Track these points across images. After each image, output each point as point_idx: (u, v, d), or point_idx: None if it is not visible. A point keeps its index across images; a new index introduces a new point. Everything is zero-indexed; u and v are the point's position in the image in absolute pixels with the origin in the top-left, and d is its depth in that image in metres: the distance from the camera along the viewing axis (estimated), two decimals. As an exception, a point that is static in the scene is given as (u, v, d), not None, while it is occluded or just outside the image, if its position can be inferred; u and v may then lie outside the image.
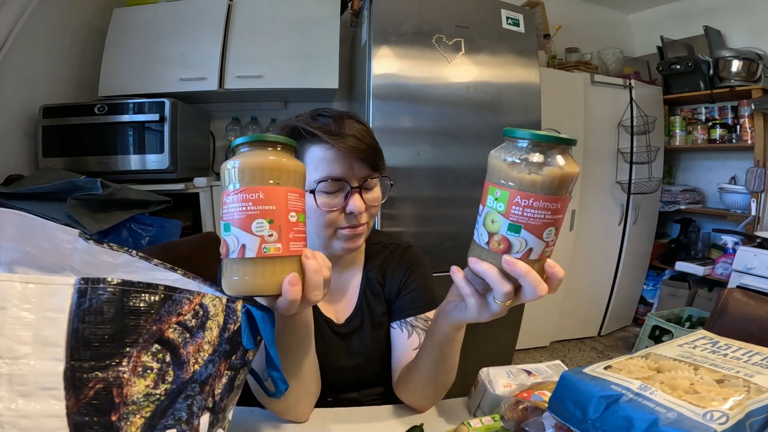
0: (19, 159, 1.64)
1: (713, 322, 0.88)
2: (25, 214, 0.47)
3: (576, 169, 0.44)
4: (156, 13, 1.88)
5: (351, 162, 0.66)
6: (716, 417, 0.37)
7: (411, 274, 0.81)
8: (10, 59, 1.54)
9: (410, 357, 0.75)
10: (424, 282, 0.82)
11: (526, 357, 2.47)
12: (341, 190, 0.68)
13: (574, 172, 0.44)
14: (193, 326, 0.40)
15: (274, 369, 0.50)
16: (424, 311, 0.79)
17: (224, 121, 2.18)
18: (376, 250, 0.83)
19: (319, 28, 1.90)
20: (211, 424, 0.42)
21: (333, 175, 0.66)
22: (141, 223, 1.49)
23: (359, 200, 0.67)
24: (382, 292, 0.81)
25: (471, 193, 1.68)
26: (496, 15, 1.70)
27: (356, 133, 0.67)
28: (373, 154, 0.68)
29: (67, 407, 0.33)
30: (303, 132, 0.67)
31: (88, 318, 0.34)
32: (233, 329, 0.44)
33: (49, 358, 0.33)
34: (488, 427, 0.60)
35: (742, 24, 2.47)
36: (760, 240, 2.01)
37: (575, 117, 2.36)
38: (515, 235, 0.45)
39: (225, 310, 0.43)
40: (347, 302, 0.81)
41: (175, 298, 0.39)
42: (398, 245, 0.85)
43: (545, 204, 0.43)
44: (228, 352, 0.43)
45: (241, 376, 0.47)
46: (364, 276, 0.82)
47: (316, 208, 0.67)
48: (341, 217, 0.68)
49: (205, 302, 0.41)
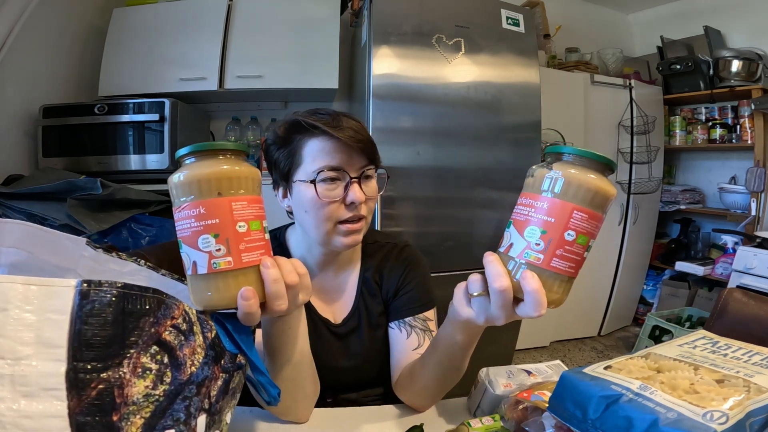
0: (19, 159, 1.64)
1: (713, 322, 0.88)
2: (32, 225, 0.48)
3: (544, 173, 0.45)
4: (156, 13, 1.88)
5: (350, 152, 0.67)
6: (716, 417, 0.37)
7: (408, 273, 0.81)
8: (10, 59, 1.54)
9: (410, 357, 0.75)
10: (422, 282, 0.81)
11: (526, 357, 2.47)
12: (340, 181, 0.68)
13: (541, 175, 0.45)
14: (185, 330, 0.41)
15: (259, 374, 0.49)
16: (423, 311, 0.79)
17: (224, 121, 2.18)
18: (373, 250, 0.83)
19: (319, 28, 1.90)
20: (208, 426, 0.43)
21: (332, 164, 0.67)
22: (141, 223, 1.50)
23: (359, 190, 0.68)
24: (379, 292, 0.81)
25: (471, 193, 1.68)
26: (496, 15, 1.70)
27: (353, 126, 0.68)
28: (370, 146, 0.70)
29: (69, 408, 0.33)
30: (303, 125, 0.68)
31: (90, 320, 0.35)
32: (211, 337, 0.44)
33: (50, 359, 0.33)
34: (488, 427, 0.60)
35: (742, 24, 2.47)
36: (760, 240, 2.01)
37: (575, 117, 2.36)
38: (506, 229, 0.48)
39: (198, 319, 0.43)
40: (344, 302, 0.81)
41: (167, 302, 0.40)
42: (395, 244, 0.85)
43: (528, 201, 0.46)
44: (215, 357, 0.44)
45: (236, 380, 0.47)
46: (361, 276, 0.81)
47: (316, 201, 0.67)
48: (341, 208, 0.68)
49: (186, 309, 0.42)
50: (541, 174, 0.46)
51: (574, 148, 0.45)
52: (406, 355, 0.76)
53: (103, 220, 1.37)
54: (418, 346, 0.76)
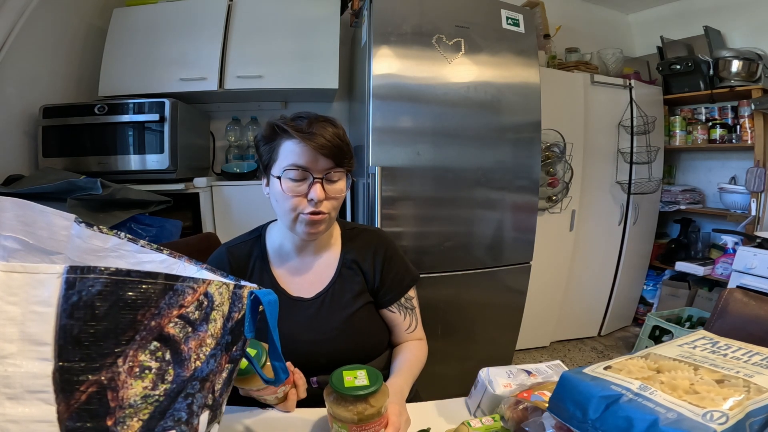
0: (19, 159, 1.64)
1: (713, 322, 0.88)
2: (24, 201, 0.46)
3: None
4: (156, 13, 1.88)
5: (316, 156, 0.77)
6: (716, 417, 0.37)
7: (390, 259, 0.91)
8: (10, 59, 1.54)
9: (405, 338, 0.91)
10: (402, 260, 0.93)
11: (526, 357, 2.47)
12: (305, 180, 0.78)
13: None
14: (196, 319, 0.37)
15: (277, 359, 0.49)
16: (410, 287, 0.93)
17: (224, 121, 2.18)
18: (353, 235, 0.93)
19: (319, 28, 1.90)
20: (209, 422, 0.41)
21: (298, 163, 0.77)
22: (141, 223, 1.50)
23: (320, 189, 0.77)
24: (360, 273, 0.89)
25: (471, 193, 1.68)
26: (496, 15, 1.70)
27: (324, 134, 0.77)
28: (337, 152, 0.78)
29: (58, 412, 0.30)
30: (278, 129, 0.79)
31: (77, 314, 0.31)
32: (237, 318, 0.42)
33: (36, 358, 0.30)
34: (488, 427, 0.60)
35: (742, 24, 2.46)
36: (760, 240, 2.01)
37: (575, 117, 2.36)
38: None
39: (231, 297, 0.41)
40: (320, 281, 0.88)
41: (177, 287, 0.35)
42: (368, 229, 0.96)
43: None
44: (230, 344, 0.42)
45: (238, 368, 0.46)
46: (342, 257, 0.90)
47: (282, 193, 0.77)
48: (304, 202, 0.78)
49: (211, 291, 0.38)
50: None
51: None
52: (401, 336, 0.91)
53: (103, 220, 1.37)
54: (409, 326, 0.91)
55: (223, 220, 1.83)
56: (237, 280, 0.45)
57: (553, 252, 2.39)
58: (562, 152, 2.30)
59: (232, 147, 2.16)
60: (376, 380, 0.61)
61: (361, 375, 0.62)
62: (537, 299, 2.23)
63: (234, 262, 0.87)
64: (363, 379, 0.62)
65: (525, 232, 1.80)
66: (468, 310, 1.74)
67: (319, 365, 0.80)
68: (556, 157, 2.29)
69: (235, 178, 1.97)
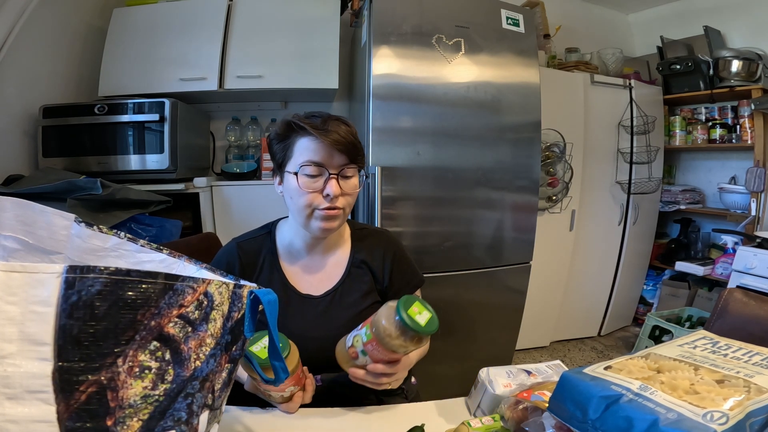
0: (19, 159, 1.64)
1: (713, 322, 0.88)
2: (24, 201, 0.46)
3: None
4: (156, 13, 1.88)
5: (331, 152, 0.78)
6: (716, 417, 0.37)
7: (399, 260, 0.92)
8: (10, 59, 1.54)
9: None
10: (409, 261, 0.95)
11: (526, 357, 2.47)
12: (321, 176, 0.79)
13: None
14: (196, 318, 0.37)
15: (276, 359, 0.50)
16: (417, 288, 0.94)
17: (224, 121, 2.18)
18: (362, 235, 0.94)
19: (319, 28, 1.90)
20: (209, 422, 0.41)
21: (314, 160, 0.78)
22: (141, 223, 1.50)
23: (335, 185, 0.79)
24: (369, 272, 0.90)
25: (471, 193, 1.68)
26: (496, 15, 1.70)
27: (339, 131, 0.78)
28: (351, 148, 0.80)
29: (58, 412, 0.30)
30: (295, 126, 0.80)
31: (76, 313, 0.31)
32: (237, 317, 0.42)
33: (35, 358, 0.30)
34: (488, 427, 0.60)
35: (742, 24, 2.46)
36: (760, 240, 2.01)
37: (575, 117, 2.36)
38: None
39: (231, 296, 0.41)
40: (329, 279, 0.89)
41: (177, 287, 0.35)
42: (378, 230, 0.98)
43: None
44: (229, 344, 0.42)
45: (237, 368, 0.46)
46: (352, 256, 0.91)
47: (298, 189, 0.79)
48: (319, 198, 0.79)
49: (210, 290, 0.38)
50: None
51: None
52: None
53: (103, 220, 1.37)
54: None
55: (223, 220, 1.83)
56: (237, 279, 0.45)
57: (553, 252, 2.39)
58: (562, 152, 2.30)
59: (232, 147, 2.17)
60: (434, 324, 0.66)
61: (425, 313, 0.66)
62: (537, 299, 2.23)
63: (244, 258, 0.88)
64: (425, 316, 0.66)
65: (525, 232, 1.80)
66: (468, 310, 1.74)
67: (325, 362, 0.79)
68: (556, 157, 2.29)
69: (235, 178, 1.98)
